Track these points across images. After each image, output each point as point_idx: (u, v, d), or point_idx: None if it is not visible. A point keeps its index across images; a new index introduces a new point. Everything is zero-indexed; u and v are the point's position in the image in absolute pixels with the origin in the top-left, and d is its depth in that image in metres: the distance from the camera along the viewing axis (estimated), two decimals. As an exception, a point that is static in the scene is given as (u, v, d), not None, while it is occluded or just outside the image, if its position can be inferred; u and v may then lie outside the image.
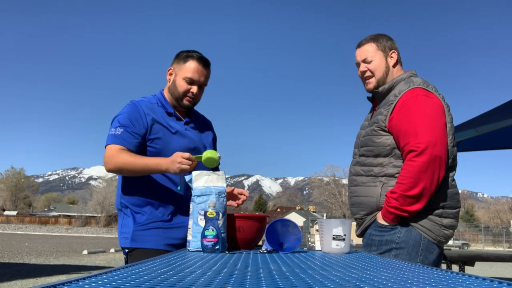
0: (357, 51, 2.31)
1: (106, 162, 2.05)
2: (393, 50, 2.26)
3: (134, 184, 2.13)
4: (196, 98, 2.23)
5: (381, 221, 2.09)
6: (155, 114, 2.16)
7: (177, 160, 1.94)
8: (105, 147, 2.09)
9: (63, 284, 0.77)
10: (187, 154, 1.94)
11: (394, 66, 2.25)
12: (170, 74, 2.24)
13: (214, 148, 2.42)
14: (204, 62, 2.20)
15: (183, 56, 2.21)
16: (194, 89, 2.18)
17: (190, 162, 1.94)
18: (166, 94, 2.26)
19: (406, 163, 2.01)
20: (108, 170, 2.08)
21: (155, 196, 2.12)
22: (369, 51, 2.26)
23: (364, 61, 2.27)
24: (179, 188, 2.11)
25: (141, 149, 2.11)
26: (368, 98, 2.38)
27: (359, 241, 2.36)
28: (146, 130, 2.11)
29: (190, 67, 2.17)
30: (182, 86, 2.18)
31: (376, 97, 2.29)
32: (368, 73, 2.26)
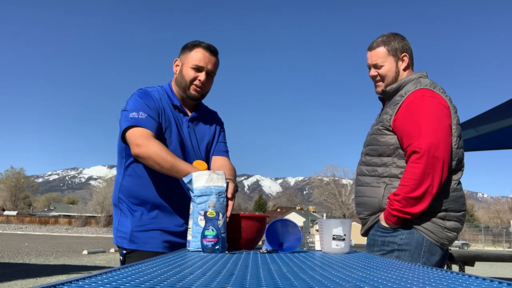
0: (368, 54, 2.29)
1: (137, 145, 1.89)
2: (404, 53, 2.23)
3: (134, 181, 2.08)
4: (204, 88, 2.14)
5: (383, 223, 2.09)
6: (164, 105, 2.10)
7: None
8: (128, 129, 1.94)
9: (63, 284, 0.77)
10: None
11: (405, 69, 2.23)
12: (177, 66, 2.17)
13: (223, 137, 2.33)
14: (211, 50, 2.12)
15: (189, 45, 2.14)
16: (202, 76, 2.10)
17: None
18: (174, 86, 2.18)
19: (408, 164, 2.01)
20: (136, 154, 1.91)
21: (155, 196, 2.07)
22: (380, 55, 2.23)
23: (375, 66, 2.25)
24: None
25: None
26: (380, 98, 2.38)
27: (358, 241, 2.36)
28: (160, 117, 2.05)
29: (197, 55, 2.10)
30: (189, 74, 2.09)
31: (384, 97, 2.29)
32: (378, 78, 2.27)
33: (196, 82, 2.11)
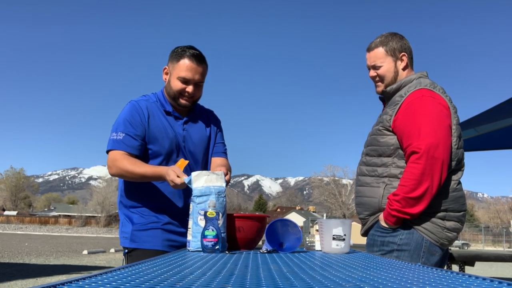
0: (367, 55, 2.30)
1: (109, 167, 2.09)
2: (403, 53, 2.23)
3: (134, 185, 2.13)
4: (194, 97, 2.16)
5: (383, 223, 2.09)
6: (154, 114, 2.14)
7: (170, 177, 1.91)
8: (108, 152, 2.10)
9: (63, 284, 0.77)
10: (179, 172, 1.91)
11: (404, 69, 2.23)
12: (166, 74, 2.19)
13: (221, 137, 2.36)
14: (198, 59, 2.11)
15: (176, 54, 2.14)
16: (190, 88, 2.12)
17: (179, 183, 1.89)
18: (166, 93, 2.21)
19: (408, 165, 2.01)
20: (111, 175, 2.16)
21: (154, 198, 2.11)
22: (378, 56, 2.23)
23: (374, 67, 2.25)
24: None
25: (143, 151, 2.11)
26: (380, 98, 2.38)
27: (357, 241, 2.36)
28: (146, 130, 2.11)
29: (184, 66, 2.09)
30: (176, 86, 2.11)
31: (385, 97, 2.29)
32: (377, 78, 2.27)
33: (185, 94, 2.13)
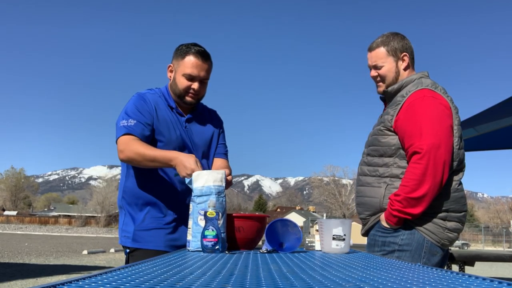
0: (368, 55, 2.30)
1: (121, 150, 2.01)
2: (404, 53, 2.23)
3: (137, 183, 2.12)
4: (199, 94, 2.16)
5: (384, 223, 2.09)
6: (160, 107, 2.14)
7: (191, 167, 1.87)
8: (118, 138, 2.04)
9: (63, 284, 0.77)
10: (197, 165, 1.89)
11: (405, 69, 2.23)
12: (171, 71, 2.19)
13: (223, 138, 2.36)
14: (203, 56, 2.12)
15: (181, 51, 2.14)
16: (195, 85, 2.12)
17: (195, 171, 1.87)
18: (170, 89, 2.21)
19: (410, 165, 2.01)
20: (121, 160, 2.06)
21: (157, 196, 2.11)
22: (379, 56, 2.23)
23: (375, 67, 2.26)
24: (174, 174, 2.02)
25: (152, 140, 2.08)
26: (381, 98, 2.38)
27: (357, 241, 2.36)
28: (154, 120, 2.10)
29: (189, 63, 2.09)
30: (182, 83, 2.11)
31: (386, 97, 2.30)
32: (378, 78, 2.27)
33: (191, 91, 2.13)
